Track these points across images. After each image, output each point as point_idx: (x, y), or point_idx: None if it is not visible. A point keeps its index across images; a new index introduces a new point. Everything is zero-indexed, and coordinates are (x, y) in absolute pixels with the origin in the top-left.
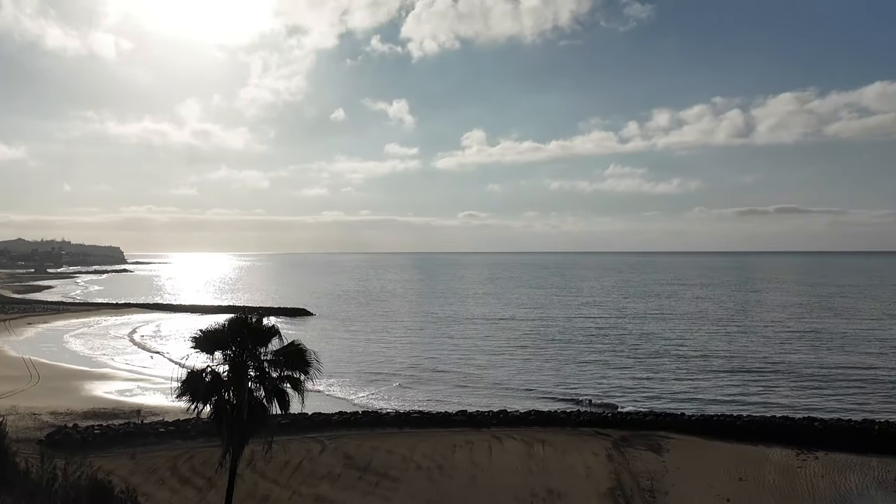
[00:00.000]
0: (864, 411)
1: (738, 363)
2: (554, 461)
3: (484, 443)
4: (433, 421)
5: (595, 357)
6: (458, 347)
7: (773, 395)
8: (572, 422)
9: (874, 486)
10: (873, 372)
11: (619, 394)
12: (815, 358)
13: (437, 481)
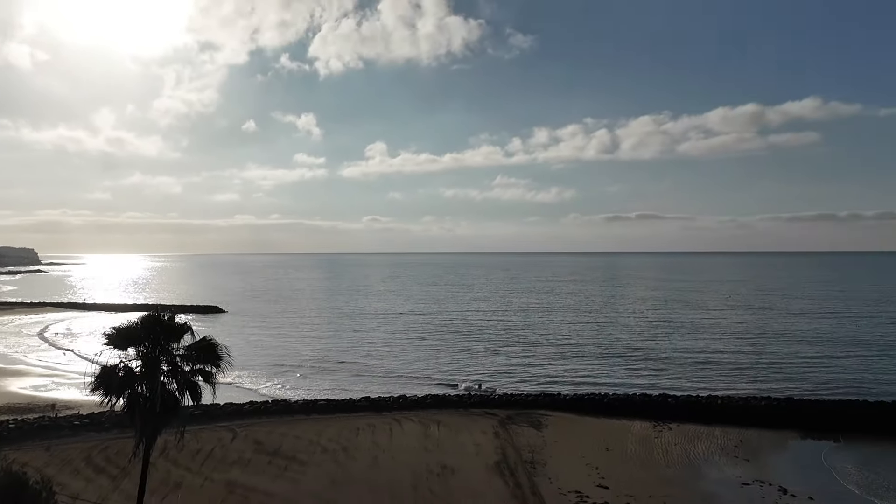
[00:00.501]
0: (709, 389)
1: (606, 349)
2: (448, 440)
3: (385, 426)
4: (338, 407)
5: (484, 346)
6: (361, 340)
7: (634, 376)
8: (464, 404)
9: (718, 452)
10: (717, 355)
11: (505, 377)
12: (669, 343)
13: (342, 463)
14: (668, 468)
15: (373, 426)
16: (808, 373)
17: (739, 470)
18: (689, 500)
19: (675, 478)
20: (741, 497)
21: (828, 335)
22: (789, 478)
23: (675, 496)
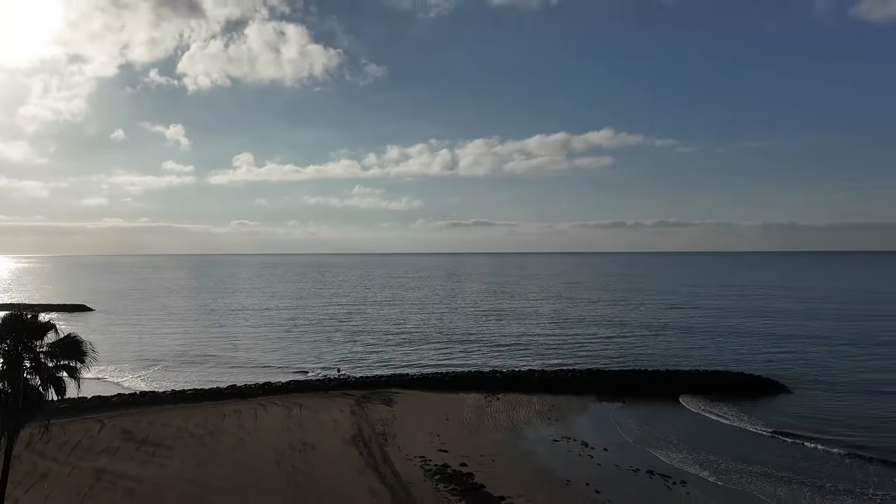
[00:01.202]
0: (529, 364)
1: (447, 335)
2: (309, 419)
3: (250, 410)
4: (205, 396)
5: (343, 335)
6: (228, 334)
7: (470, 356)
8: (324, 387)
9: (535, 416)
10: (535, 337)
11: (361, 363)
12: (497, 329)
13: (208, 445)
14: (496, 432)
15: (239, 411)
16: (603, 349)
17: (551, 429)
18: (512, 456)
19: (501, 439)
20: (553, 451)
21: (619, 319)
22: (589, 433)
23: (501, 454)
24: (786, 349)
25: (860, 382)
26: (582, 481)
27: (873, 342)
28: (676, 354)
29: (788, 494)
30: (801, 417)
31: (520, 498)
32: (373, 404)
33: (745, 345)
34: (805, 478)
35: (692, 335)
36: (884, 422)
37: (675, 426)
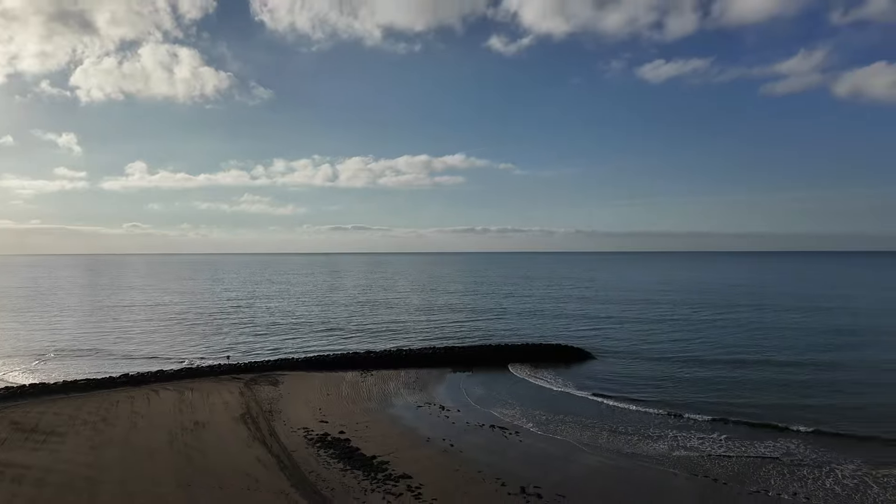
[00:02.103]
0: (398, 344)
1: (328, 323)
2: (200, 402)
3: (143, 396)
4: (99, 385)
5: (233, 327)
6: (121, 328)
7: (348, 340)
8: (215, 372)
9: (402, 387)
10: (404, 323)
11: (250, 350)
12: (372, 317)
13: (101, 430)
14: (369, 402)
15: (132, 397)
16: (458, 329)
17: (416, 397)
18: (382, 421)
19: (374, 408)
20: (416, 415)
21: (469, 305)
22: (446, 399)
23: (374, 420)
24: (592, 326)
25: (647, 351)
26: (440, 437)
27: (655, 320)
28: (511, 331)
29: (591, 437)
30: (603, 378)
31: (389, 455)
32: (260, 385)
33: (562, 323)
34: (604, 424)
35: (523, 316)
36: (664, 380)
37: (508, 389)
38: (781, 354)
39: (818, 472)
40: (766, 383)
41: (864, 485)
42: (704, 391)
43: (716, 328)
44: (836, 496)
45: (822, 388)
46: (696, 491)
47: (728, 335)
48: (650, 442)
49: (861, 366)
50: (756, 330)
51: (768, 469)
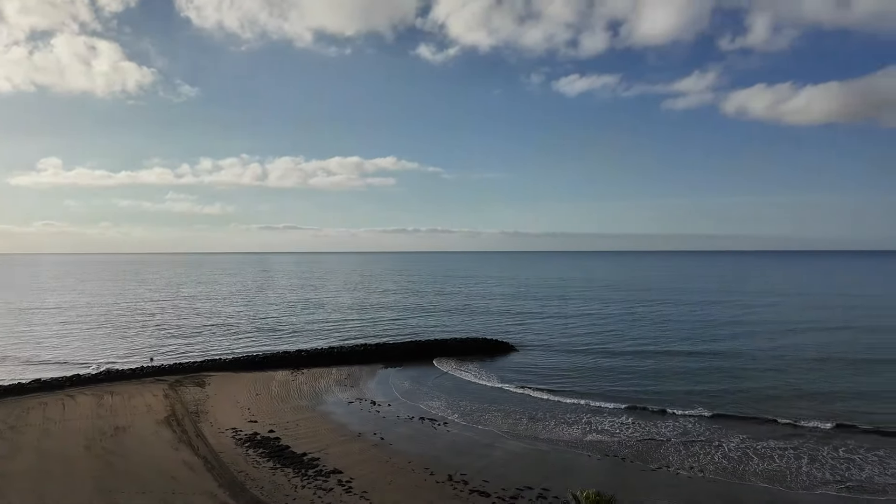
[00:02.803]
0: (329, 342)
1: (257, 323)
2: (121, 406)
3: (58, 402)
4: (6, 392)
5: (157, 328)
6: (34, 332)
7: (279, 340)
8: (138, 375)
9: (334, 384)
10: (336, 322)
11: (175, 351)
12: (304, 316)
13: (9, 439)
14: (300, 400)
15: (45, 404)
16: (389, 327)
17: (347, 394)
18: (313, 419)
19: (305, 406)
20: (348, 411)
21: (402, 303)
22: (377, 394)
23: (304, 418)
24: (515, 321)
25: (565, 343)
26: (371, 431)
27: (572, 315)
28: (440, 327)
29: (512, 425)
30: (525, 370)
31: (320, 451)
32: (186, 387)
33: (487, 319)
34: (525, 413)
35: (451, 313)
36: (580, 371)
37: (436, 382)
38: (680, 345)
39: (709, 447)
40: (667, 372)
41: (746, 456)
42: (615, 380)
43: (624, 321)
44: (724, 468)
45: (714, 374)
46: (606, 469)
47: (635, 328)
48: (566, 427)
49: (745, 354)
50: (659, 322)
51: (668, 448)
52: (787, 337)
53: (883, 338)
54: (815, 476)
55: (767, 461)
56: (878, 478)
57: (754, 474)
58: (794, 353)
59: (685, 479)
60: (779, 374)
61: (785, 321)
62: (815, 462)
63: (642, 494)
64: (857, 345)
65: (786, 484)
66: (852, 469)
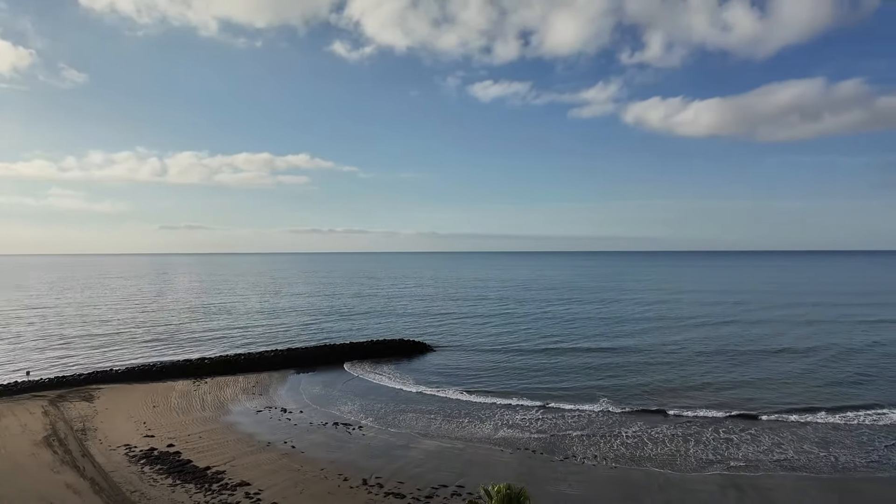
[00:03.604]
0: (236, 349)
1: (156, 332)
2: None
3: None
4: None
5: (36, 339)
6: None
7: (181, 349)
8: (11, 392)
9: (240, 392)
10: (248, 329)
11: (57, 363)
12: (208, 322)
13: None
14: (203, 411)
15: None
16: (302, 331)
17: (255, 402)
18: (218, 430)
19: (209, 417)
20: (256, 420)
21: (316, 306)
22: (288, 401)
23: (208, 430)
24: (433, 322)
25: (480, 343)
26: (281, 440)
27: (488, 315)
28: (357, 330)
29: (427, 425)
30: (441, 370)
31: (225, 464)
32: (71, 402)
33: (405, 320)
34: (440, 412)
35: (368, 315)
36: (494, 369)
37: (350, 386)
38: (586, 342)
39: (609, 437)
40: (574, 368)
41: (641, 443)
42: (526, 377)
43: (537, 321)
44: (622, 455)
45: (616, 369)
46: (518, 462)
47: (547, 327)
48: (480, 424)
49: (644, 349)
50: (568, 321)
51: (574, 439)
52: (681, 332)
53: (762, 330)
54: (700, 457)
55: (660, 446)
56: (752, 455)
57: (648, 459)
58: (686, 347)
59: (589, 467)
60: (672, 368)
61: (678, 317)
62: (699, 444)
63: (550, 484)
64: (741, 338)
65: (675, 466)
66: (731, 448)
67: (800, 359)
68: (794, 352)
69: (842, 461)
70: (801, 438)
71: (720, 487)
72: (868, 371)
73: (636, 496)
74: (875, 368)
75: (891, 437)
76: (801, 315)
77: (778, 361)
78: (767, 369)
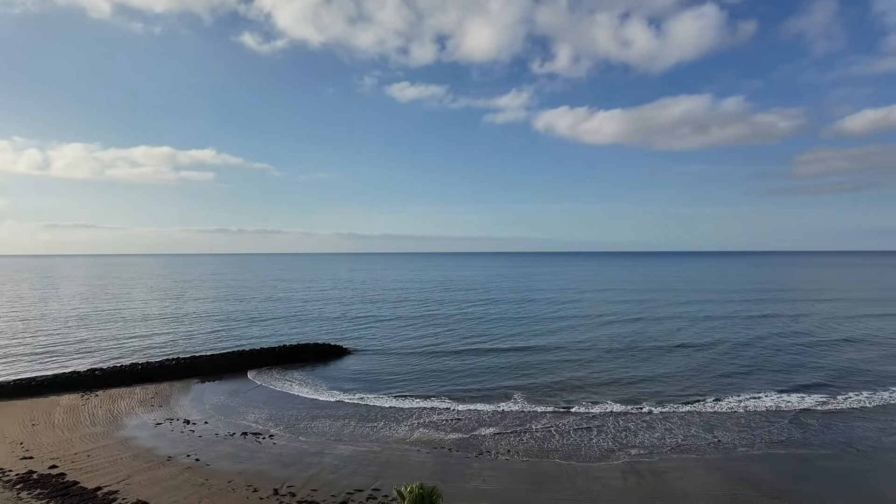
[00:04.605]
0: (132, 358)
1: (37, 342)
2: None
3: None
4: None
5: None
6: None
7: (66, 361)
8: None
9: (137, 405)
10: (147, 336)
11: None
12: (99, 331)
13: None
14: (93, 426)
15: None
16: (208, 338)
17: (154, 414)
18: (110, 447)
19: (100, 433)
20: (155, 433)
21: (225, 311)
22: (192, 412)
23: (98, 447)
24: (351, 325)
25: (398, 346)
26: (183, 454)
27: (407, 317)
28: (269, 335)
29: (341, 430)
30: (357, 373)
31: (119, 483)
32: None
33: (322, 323)
34: (355, 416)
35: (283, 320)
36: (410, 372)
37: (260, 394)
38: (503, 342)
39: (519, 431)
40: (490, 368)
41: (549, 434)
42: (444, 379)
43: (456, 322)
44: (530, 446)
45: (530, 368)
46: (434, 461)
47: (466, 328)
48: (396, 426)
49: (557, 347)
50: (486, 322)
51: (488, 436)
52: (590, 331)
53: (663, 327)
54: (602, 447)
55: (566, 438)
56: (647, 442)
57: (556, 451)
58: (596, 344)
59: (502, 462)
60: (582, 365)
61: (587, 316)
62: (602, 435)
63: (466, 480)
64: (642, 335)
65: (580, 457)
66: (629, 437)
67: (694, 354)
68: (690, 347)
69: (723, 442)
70: (689, 424)
71: (622, 473)
72: (750, 363)
73: (547, 486)
74: (757, 360)
75: (763, 420)
76: (697, 312)
77: (675, 357)
78: (666, 364)
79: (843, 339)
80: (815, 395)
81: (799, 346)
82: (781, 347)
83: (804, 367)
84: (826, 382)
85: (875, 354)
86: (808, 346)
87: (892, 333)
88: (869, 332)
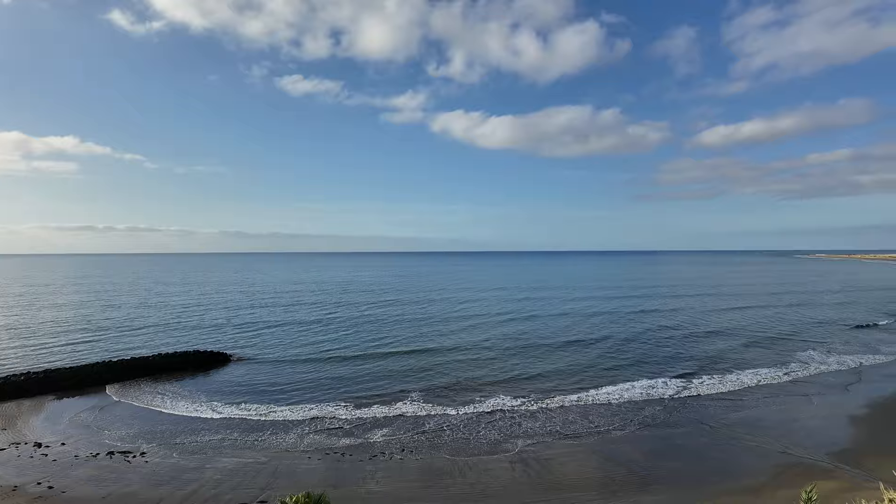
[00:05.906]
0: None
1: None
2: None
3: None
4: None
5: None
6: None
7: None
8: None
9: None
10: (23, 355)
11: None
12: None
13: None
14: None
15: None
16: (68, 350)
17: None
18: None
19: None
20: None
21: (88, 318)
22: (45, 433)
23: None
24: (238, 331)
25: (290, 353)
26: (33, 481)
27: (300, 321)
28: (142, 346)
29: (221, 442)
30: (242, 381)
31: None
32: None
33: (204, 331)
34: (238, 427)
35: (158, 328)
36: (300, 380)
37: (130, 408)
38: (401, 345)
39: (417, 431)
40: (387, 372)
41: (441, 431)
42: (339, 385)
43: (355, 325)
44: (424, 444)
45: (427, 370)
46: (326, 467)
47: (364, 331)
48: (285, 435)
49: (458, 347)
50: (386, 324)
51: (383, 439)
52: (488, 329)
53: (559, 323)
54: (489, 437)
55: (457, 433)
56: (531, 431)
57: (446, 445)
58: (492, 343)
59: (396, 462)
60: (478, 364)
61: (486, 314)
62: (490, 428)
63: (358, 484)
64: (538, 332)
65: (470, 451)
66: (514, 428)
67: (582, 350)
68: (578, 343)
69: (597, 426)
70: (567, 411)
71: (510, 463)
72: (630, 356)
73: (438, 482)
74: (636, 354)
75: (633, 405)
76: (585, 308)
77: (564, 353)
78: (555, 361)
79: (710, 331)
80: (680, 382)
81: (673, 340)
82: (659, 341)
83: (676, 358)
84: (692, 371)
85: (737, 343)
86: (680, 339)
87: (750, 324)
88: (732, 324)
